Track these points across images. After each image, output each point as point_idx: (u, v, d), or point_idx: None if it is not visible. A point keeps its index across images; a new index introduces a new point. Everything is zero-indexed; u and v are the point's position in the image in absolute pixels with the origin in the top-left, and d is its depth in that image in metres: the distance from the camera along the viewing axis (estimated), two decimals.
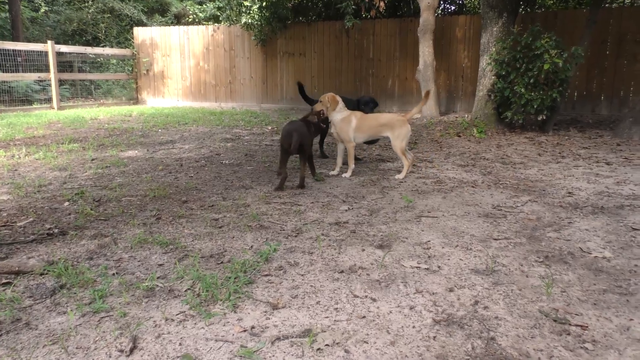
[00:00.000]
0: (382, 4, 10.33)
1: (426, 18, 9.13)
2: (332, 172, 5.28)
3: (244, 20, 12.78)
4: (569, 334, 2.01)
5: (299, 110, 12.38)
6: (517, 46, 7.58)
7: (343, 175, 5.15)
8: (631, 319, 2.13)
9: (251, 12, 12.61)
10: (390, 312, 2.23)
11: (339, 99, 5.21)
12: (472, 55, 11.00)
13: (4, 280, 2.51)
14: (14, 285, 2.48)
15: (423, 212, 3.86)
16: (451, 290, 2.44)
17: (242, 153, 6.59)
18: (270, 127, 9.20)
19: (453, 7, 14.38)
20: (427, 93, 5.16)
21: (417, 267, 2.74)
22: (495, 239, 3.19)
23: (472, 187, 4.66)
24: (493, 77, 8.14)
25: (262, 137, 8.06)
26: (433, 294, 2.41)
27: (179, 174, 5.24)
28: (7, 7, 16.04)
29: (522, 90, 7.39)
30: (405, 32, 11.68)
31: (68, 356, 1.89)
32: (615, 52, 10.28)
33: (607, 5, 11.29)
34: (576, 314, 2.17)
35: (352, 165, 5.18)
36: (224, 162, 5.96)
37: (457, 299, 2.35)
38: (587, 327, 2.06)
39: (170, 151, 6.71)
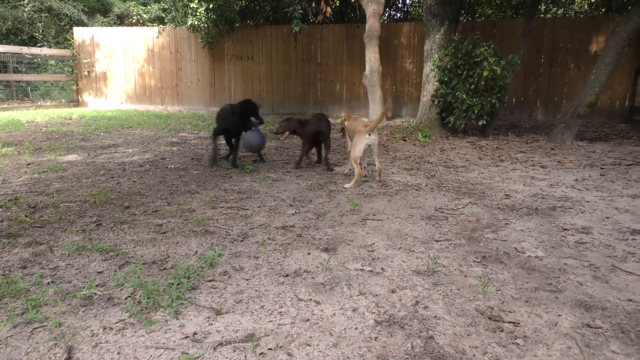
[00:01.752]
0: (328, 9, 10.45)
1: (372, 24, 9.30)
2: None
3: (190, 22, 12.59)
4: (502, 331, 2.11)
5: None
6: (459, 53, 7.85)
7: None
8: (559, 315, 2.25)
9: (197, 14, 12.44)
10: (334, 314, 2.25)
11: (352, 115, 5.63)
12: (417, 62, 11.30)
13: None
14: None
15: (368, 215, 3.93)
16: (393, 291, 2.50)
17: (188, 157, 6.49)
18: None
19: (398, 14, 14.72)
20: (386, 109, 5.32)
21: (361, 270, 2.78)
22: (436, 241, 3.29)
23: (416, 190, 4.78)
24: (436, 83, 8.39)
25: (209, 140, 7.95)
26: (376, 295, 2.45)
27: (122, 179, 5.10)
28: None
29: (464, 95, 7.66)
30: (352, 37, 11.85)
31: None
32: (549, 60, 10.84)
33: (541, 15, 11.88)
34: (509, 311, 2.27)
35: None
36: (169, 166, 5.84)
37: (398, 299, 2.40)
38: (519, 323, 2.16)
39: (112, 155, 6.50)
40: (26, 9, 16.36)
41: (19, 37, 16.85)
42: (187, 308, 2.29)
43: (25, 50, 13.37)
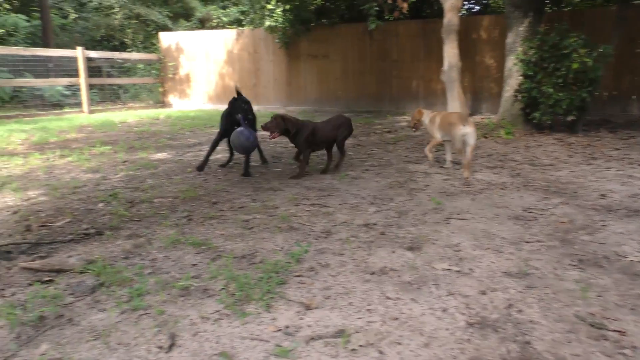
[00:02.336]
0: (405, 5, 10.30)
1: (450, 18, 9.06)
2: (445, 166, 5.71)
3: (267, 23, 12.89)
4: (606, 340, 1.99)
5: (323, 113, 12.42)
6: (544, 46, 7.47)
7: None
8: None
9: (274, 15, 12.71)
10: (423, 314, 2.23)
11: (423, 110, 5.68)
12: (498, 56, 10.88)
13: (46, 278, 2.60)
14: (56, 283, 2.56)
15: (452, 214, 3.85)
16: (484, 293, 2.43)
17: (268, 155, 6.65)
18: None
19: (477, 7, 14.25)
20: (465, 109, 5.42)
21: (448, 270, 2.73)
22: (526, 242, 3.17)
23: (501, 189, 4.62)
24: (520, 78, 8.04)
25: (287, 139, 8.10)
26: (465, 296, 2.40)
27: (208, 176, 5.32)
28: (39, 15, 16.49)
29: (550, 90, 7.29)
30: (429, 33, 11.62)
31: (110, 352, 1.94)
32: None
33: (636, 1, 11.05)
34: (613, 319, 2.15)
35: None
36: (251, 164, 6.01)
37: (490, 301, 2.34)
38: (625, 332, 2.04)
39: (198, 153, 6.80)
40: (117, 17, 17.47)
41: (111, 43, 18.04)
42: (277, 302, 2.36)
43: (117, 55, 14.29)
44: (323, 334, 2.07)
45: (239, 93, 5.45)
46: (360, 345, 1.97)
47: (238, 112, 5.19)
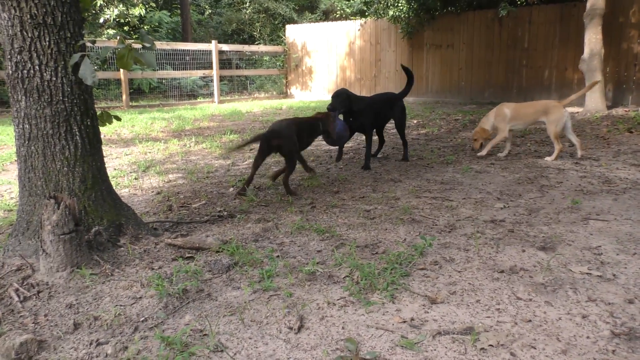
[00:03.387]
0: None
1: (595, 1, 8.28)
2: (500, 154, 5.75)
3: (391, 13, 12.76)
4: None
5: (444, 104, 12.07)
6: None
7: (478, 154, 5.73)
8: None
9: (399, 4, 12.55)
10: (560, 318, 2.09)
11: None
12: None
13: (187, 255, 2.84)
14: (196, 260, 2.79)
15: (590, 214, 3.54)
16: (631, 302, 2.21)
17: (388, 146, 6.62)
18: (415, 121, 9.10)
19: None
20: (594, 83, 5.04)
21: (587, 274, 2.52)
22: None
23: None
24: None
25: (407, 130, 8.00)
26: (609, 304, 2.20)
27: (330, 165, 5.43)
28: (179, 11, 17.94)
29: None
30: (567, 18, 10.73)
31: (245, 327, 2.07)
32: None
33: None
34: None
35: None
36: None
37: (639, 312, 2.12)
38: None
39: (319, 142, 6.96)
40: (247, 11, 18.42)
41: (241, 37, 19.09)
42: (401, 293, 2.35)
43: (246, 48, 15.09)
44: (450, 329, 2.02)
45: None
46: (490, 345, 1.89)
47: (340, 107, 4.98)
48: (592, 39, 8.34)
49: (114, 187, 4.47)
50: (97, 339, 1.99)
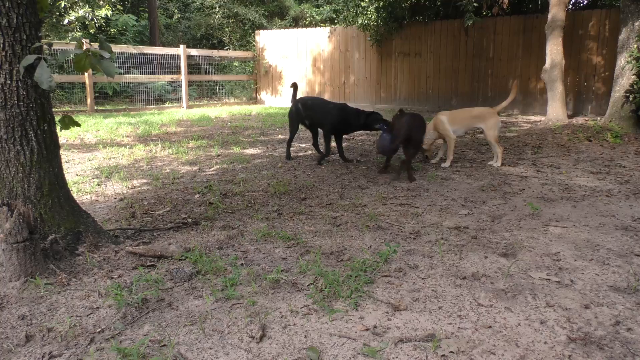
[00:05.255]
0: (505, 0, 9.85)
1: (555, 14, 8.53)
2: (432, 161, 6.01)
3: (360, 21, 12.88)
4: None
5: (413, 111, 12.20)
6: None
7: (442, 165, 5.75)
8: None
9: (368, 12, 12.67)
10: (519, 324, 2.12)
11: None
12: (607, 53, 10.11)
13: (149, 263, 2.78)
14: (157, 268, 2.73)
15: (550, 221, 3.63)
16: (587, 307, 2.27)
17: (356, 153, 6.66)
18: None
19: (585, 2, 13.31)
20: (514, 86, 5.85)
21: (546, 279, 2.58)
22: (637, 255, 2.91)
23: (607, 196, 4.28)
24: (633, 77, 7.40)
25: (376, 137, 8.05)
26: (566, 309, 2.25)
27: (298, 172, 5.42)
28: (146, 14, 17.69)
29: None
30: (529, 29, 11.04)
31: (205, 337, 2.03)
32: None
33: None
34: None
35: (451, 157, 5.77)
36: (339, 161, 6.05)
37: (594, 317, 2.17)
38: None
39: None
40: (217, 16, 18.30)
41: (210, 42, 18.94)
42: (365, 301, 2.35)
43: (215, 53, 14.96)
44: (412, 337, 2.02)
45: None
46: (451, 352, 1.91)
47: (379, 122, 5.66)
48: (554, 50, 8.59)
49: (75, 194, 4.38)
50: (50, 352, 1.92)
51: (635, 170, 5.29)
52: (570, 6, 12.28)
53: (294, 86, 6.27)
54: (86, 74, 10.98)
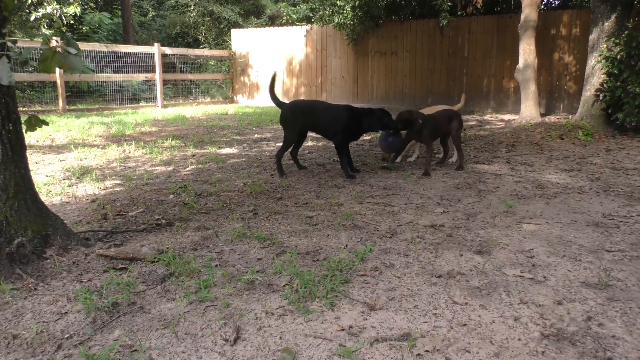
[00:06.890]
0: (479, 0, 9.97)
1: (528, 14, 8.67)
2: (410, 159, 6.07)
3: (336, 20, 12.88)
4: None
5: (389, 110, 12.26)
6: (633, 42, 6.98)
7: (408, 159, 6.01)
8: None
9: (344, 12, 12.68)
10: (493, 321, 2.13)
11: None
12: (578, 53, 10.31)
13: (120, 266, 2.71)
14: (129, 271, 2.67)
15: (524, 218, 3.67)
16: (560, 303, 2.29)
17: (333, 152, 6.64)
18: None
19: (557, 2, 13.55)
20: (462, 97, 6.58)
21: (520, 276, 2.60)
22: (607, 251, 2.96)
23: (579, 193, 4.36)
24: (603, 76, 7.57)
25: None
26: (539, 305, 2.27)
27: (274, 171, 5.38)
28: (120, 12, 17.38)
29: (637, 89, 6.80)
30: (503, 29, 11.18)
31: (178, 341, 1.99)
32: None
33: None
34: None
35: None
36: (316, 160, 6.04)
37: (566, 313, 2.20)
38: None
39: (264, 149, 6.91)
40: (192, 14, 18.09)
41: (185, 40, 18.71)
42: (341, 301, 2.33)
43: (190, 51, 14.79)
44: (387, 336, 2.02)
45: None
46: (426, 351, 1.91)
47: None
48: (527, 50, 8.72)
49: (45, 195, 4.27)
50: (15, 359, 1.86)
51: (605, 168, 5.40)
52: (543, 6, 12.49)
53: (273, 76, 5.86)
54: (57, 72, 10.73)
